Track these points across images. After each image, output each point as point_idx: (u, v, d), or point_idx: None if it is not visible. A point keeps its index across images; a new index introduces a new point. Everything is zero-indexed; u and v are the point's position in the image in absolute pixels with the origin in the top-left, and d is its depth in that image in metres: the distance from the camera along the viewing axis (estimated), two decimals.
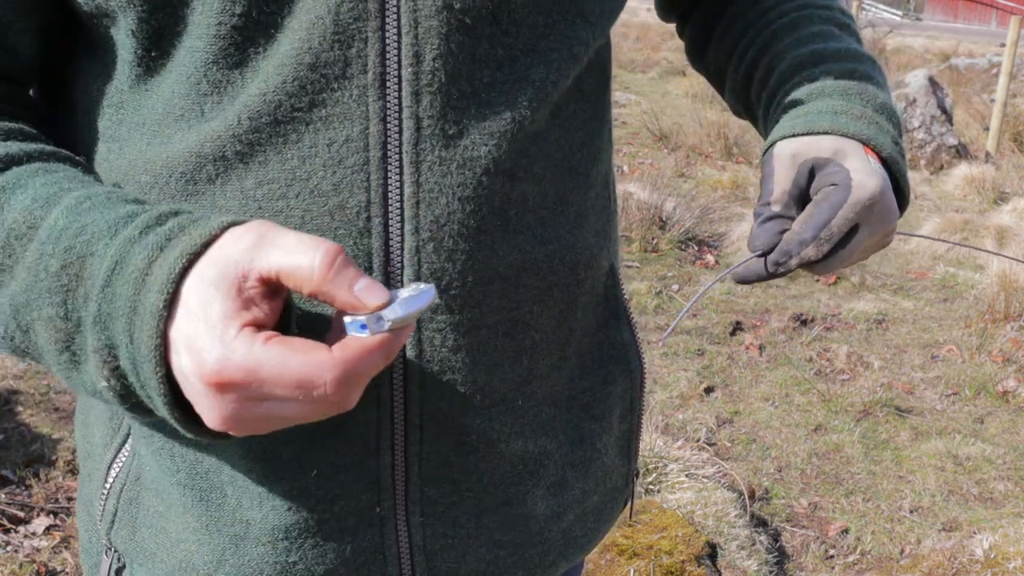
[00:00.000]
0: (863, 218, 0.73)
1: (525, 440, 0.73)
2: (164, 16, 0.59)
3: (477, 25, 0.62)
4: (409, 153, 0.62)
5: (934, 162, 8.32)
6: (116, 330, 0.52)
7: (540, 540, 0.77)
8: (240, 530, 0.68)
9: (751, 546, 2.60)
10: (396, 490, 0.69)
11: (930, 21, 33.61)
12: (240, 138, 0.60)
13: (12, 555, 2.52)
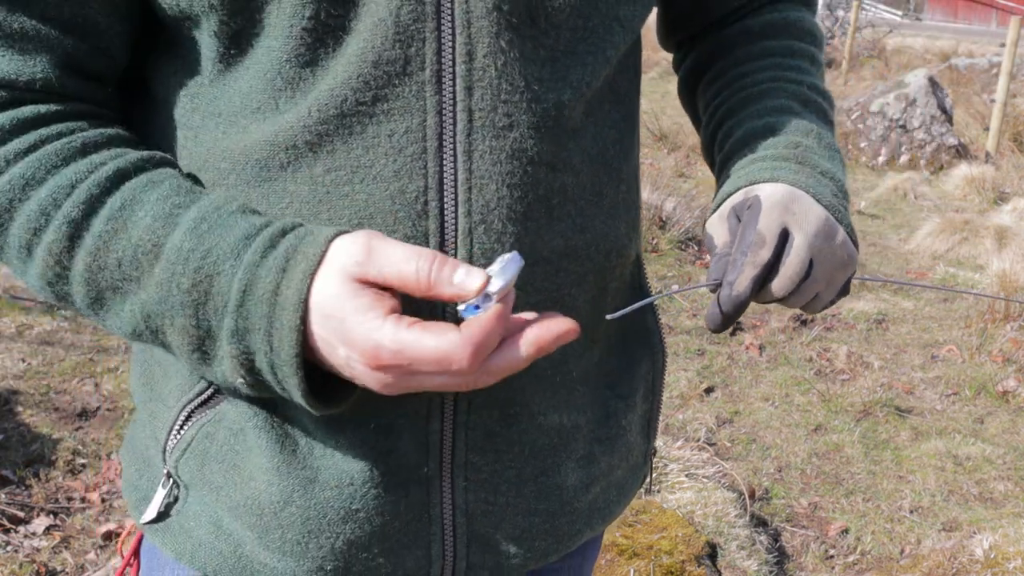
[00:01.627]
0: (789, 221, 0.73)
1: (560, 414, 0.79)
2: (243, 19, 0.65)
3: (524, 24, 0.68)
4: (463, 143, 0.68)
5: (934, 162, 8.33)
6: (253, 341, 0.62)
7: (570, 510, 0.82)
8: (310, 474, 0.74)
9: (751, 546, 2.60)
10: (444, 454, 0.75)
11: (930, 21, 33.60)
12: (310, 129, 0.67)
13: (12, 555, 2.52)
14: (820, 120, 0.84)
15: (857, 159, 8.56)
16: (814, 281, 0.74)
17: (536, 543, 0.82)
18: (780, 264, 0.72)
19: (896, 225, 6.57)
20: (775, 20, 0.90)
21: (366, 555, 0.76)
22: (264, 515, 0.76)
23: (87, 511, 2.80)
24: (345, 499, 0.74)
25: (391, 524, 0.76)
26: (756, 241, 0.71)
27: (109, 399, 3.41)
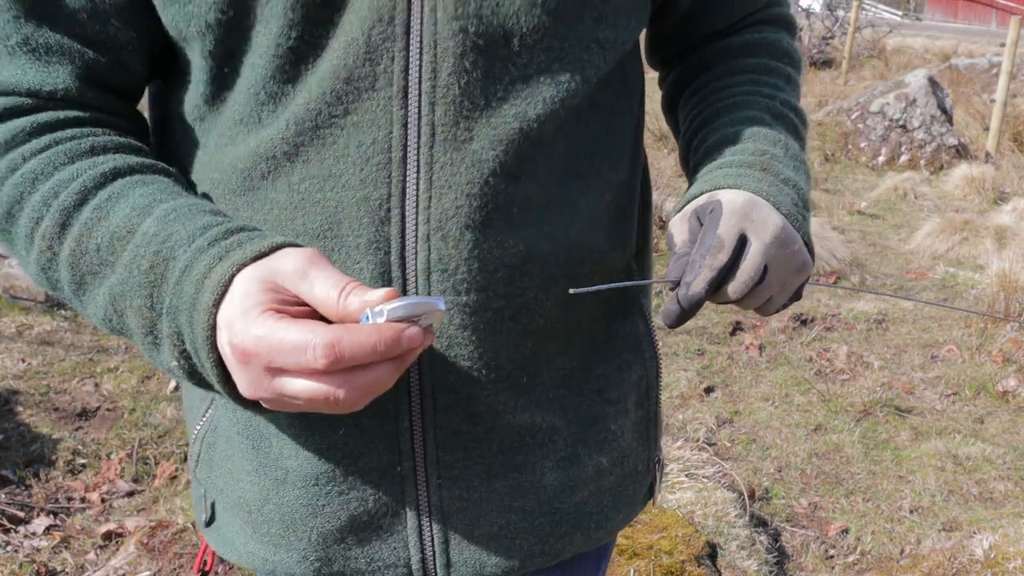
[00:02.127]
0: (747, 227, 0.75)
1: (531, 414, 0.82)
2: (234, 40, 0.71)
3: (491, 47, 0.72)
4: (425, 155, 0.72)
5: (934, 162, 8.32)
6: (181, 320, 0.64)
7: (550, 509, 0.85)
8: (280, 475, 0.81)
9: (751, 546, 2.60)
10: (415, 453, 0.80)
11: (930, 21, 33.60)
12: (288, 140, 0.72)
13: (12, 555, 2.52)
14: (790, 133, 0.87)
15: (857, 159, 8.56)
16: (768, 286, 0.77)
17: (516, 541, 0.84)
18: (736, 268, 0.75)
19: (896, 225, 6.57)
20: (754, 40, 0.94)
21: (341, 547, 0.83)
22: (252, 512, 0.84)
23: (87, 511, 2.80)
24: (311, 497, 0.80)
25: (360, 520, 0.81)
26: (715, 245, 0.74)
27: (109, 399, 3.41)
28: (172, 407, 3.37)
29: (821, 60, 15.37)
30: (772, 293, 0.79)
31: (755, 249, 0.75)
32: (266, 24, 0.70)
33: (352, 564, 0.84)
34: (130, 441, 3.15)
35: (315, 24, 0.70)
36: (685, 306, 0.74)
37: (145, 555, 2.36)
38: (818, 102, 10.47)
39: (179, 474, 3.02)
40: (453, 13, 0.71)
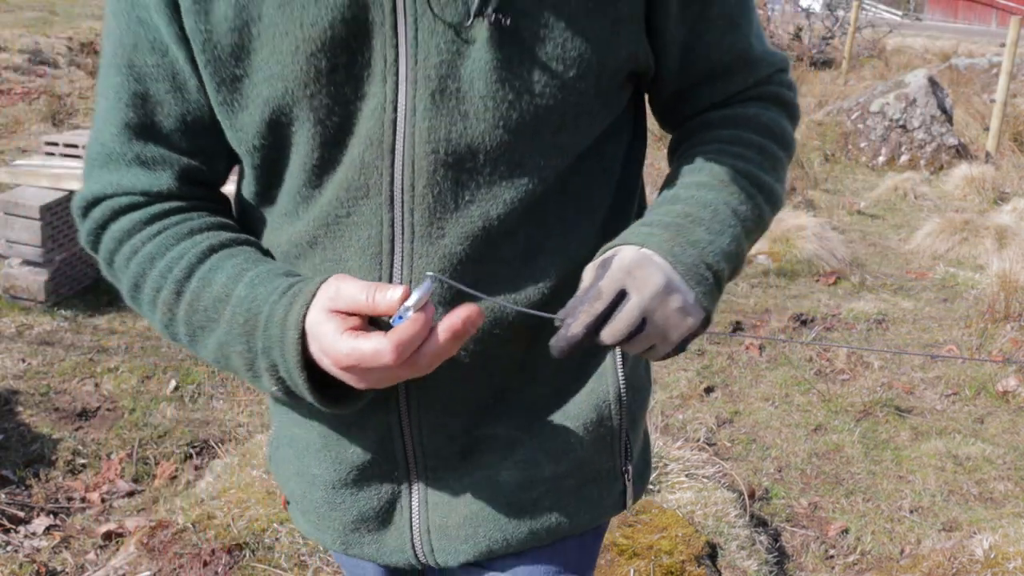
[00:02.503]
0: (628, 283, 0.86)
1: (498, 429, 1.02)
2: (274, 157, 0.94)
3: (459, 163, 0.90)
4: (407, 248, 0.92)
5: (934, 162, 8.32)
6: (274, 355, 0.86)
7: (507, 503, 1.03)
8: (310, 479, 1.07)
9: (751, 546, 2.60)
10: (409, 464, 1.02)
11: (930, 21, 33.58)
12: (310, 232, 0.95)
13: (12, 555, 2.52)
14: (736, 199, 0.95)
15: (857, 159, 8.56)
16: (647, 336, 0.87)
17: (480, 530, 1.04)
18: (612, 317, 0.85)
19: (896, 225, 6.57)
20: (735, 113, 1.04)
21: (356, 535, 1.07)
22: (299, 503, 1.11)
23: (87, 511, 2.80)
24: (331, 497, 1.06)
25: (368, 515, 1.06)
26: (594, 295, 0.86)
27: (109, 399, 3.41)
28: (172, 407, 3.37)
29: (821, 60, 15.36)
30: (653, 343, 0.88)
31: (632, 303, 0.85)
32: (296, 148, 0.92)
33: (367, 549, 1.07)
34: (130, 441, 3.15)
35: (330, 147, 0.91)
36: (564, 345, 0.86)
37: (145, 555, 2.36)
38: (818, 102, 10.47)
39: (179, 474, 3.02)
40: (427, 138, 0.89)
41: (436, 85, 0.88)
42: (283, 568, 2.31)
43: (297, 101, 0.90)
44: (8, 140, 7.21)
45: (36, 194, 4.13)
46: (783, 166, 1.04)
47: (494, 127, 0.89)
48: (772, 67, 1.07)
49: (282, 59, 0.88)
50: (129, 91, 0.95)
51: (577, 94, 0.91)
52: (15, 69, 9.90)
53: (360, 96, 0.90)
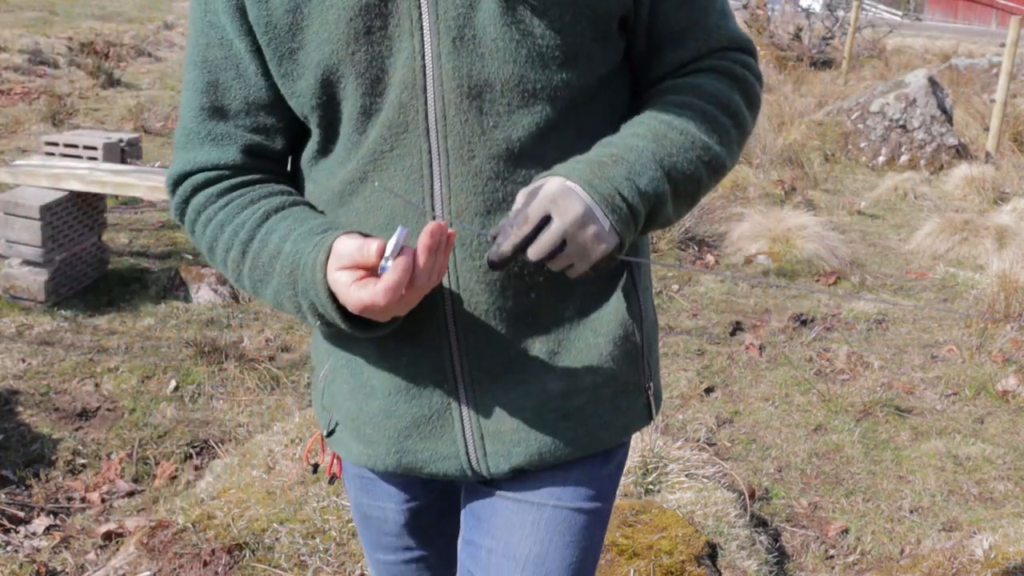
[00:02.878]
0: (552, 210, 1.02)
1: (538, 344, 1.16)
2: (330, 114, 1.13)
3: (480, 94, 1.08)
4: (444, 170, 1.10)
5: (934, 162, 8.32)
6: (312, 296, 1.06)
7: (554, 408, 1.17)
8: (368, 391, 1.20)
9: (751, 546, 2.60)
10: (456, 372, 1.16)
11: (930, 21, 33.56)
12: (360, 170, 1.13)
13: (12, 555, 2.52)
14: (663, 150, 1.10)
15: (857, 159, 8.56)
16: (567, 255, 1.03)
17: (532, 434, 1.17)
18: (536, 239, 1.01)
19: (896, 225, 6.57)
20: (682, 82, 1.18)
21: (410, 441, 1.19)
22: (354, 420, 1.23)
23: (87, 511, 2.80)
24: (388, 405, 1.19)
25: (420, 421, 1.18)
26: (522, 219, 1.02)
27: (109, 399, 3.41)
28: (172, 407, 3.37)
29: (821, 60, 15.35)
30: (572, 261, 1.04)
31: (555, 227, 1.01)
32: (345, 101, 1.11)
33: (420, 456, 1.19)
34: (130, 441, 3.15)
35: (372, 96, 1.10)
36: (495, 259, 1.02)
37: (145, 555, 2.36)
38: (818, 102, 10.46)
39: (179, 474, 3.02)
40: (452, 76, 1.07)
41: (456, 33, 1.07)
42: (283, 568, 2.31)
43: (342, 60, 1.09)
44: (8, 140, 7.20)
45: (36, 194, 4.13)
46: (727, 133, 1.16)
47: (505, 63, 1.08)
48: (731, 43, 1.20)
49: (328, 27, 1.08)
50: (203, 81, 1.16)
51: (574, 35, 1.09)
52: (15, 69, 9.89)
53: (392, 50, 1.08)
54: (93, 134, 5.11)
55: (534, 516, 1.21)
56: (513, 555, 1.21)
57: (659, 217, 1.12)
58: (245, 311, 4.29)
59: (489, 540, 1.23)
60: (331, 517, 2.44)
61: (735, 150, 1.19)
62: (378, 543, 1.40)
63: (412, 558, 1.40)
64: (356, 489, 1.38)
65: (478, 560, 1.24)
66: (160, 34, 13.69)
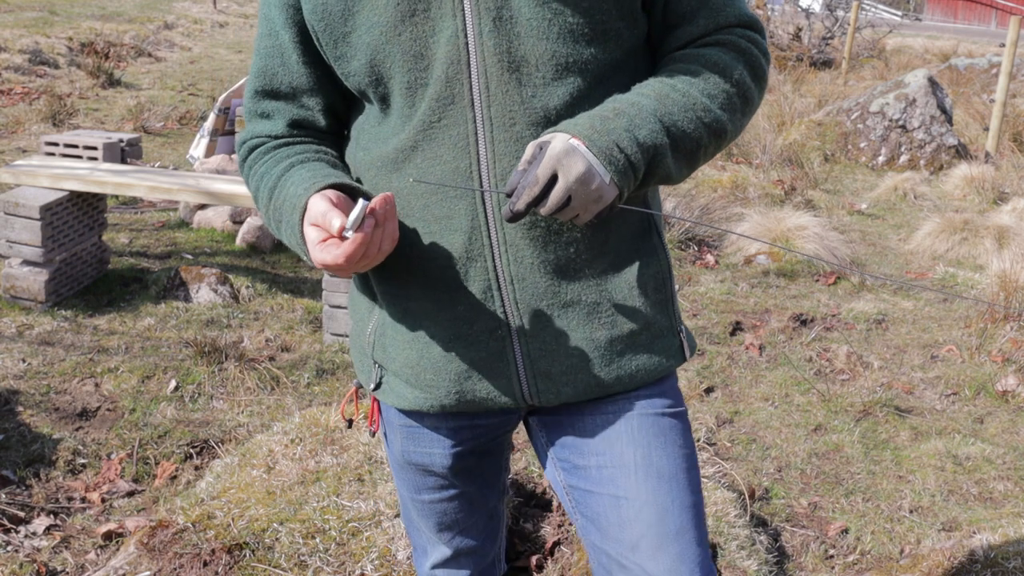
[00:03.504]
0: (558, 169, 1.12)
1: (580, 294, 1.28)
2: (383, 90, 1.25)
3: (519, 68, 1.20)
4: (488, 137, 1.22)
5: (934, 162, 8.32)
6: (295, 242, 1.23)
7: (599, 354, 1.30)
8: (428, 339, 1.32)
9: (751, 546, 2.60)
10: (509, 321, 1.28)
11: (930, 21, 33.55)
12: (412, 139, 1.25)
13: (12, 555, 2.52)
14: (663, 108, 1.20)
15: (857, 159, 8.56)
16: (572, 209, 1.15)
17: (580, 376, 1.30)
18: (547, 197, 1.13)
19: (896, 225, 6.57)
20: (689, 52, 1.28)
21: (470, 382, 1.31)
22: (413, 368, 1.34)
23: (87, 511, 2.80)
24: (446, 350, 1.31)
25: (479, 364, 1.30)
26: (531, 180, 1.13)
27: (109, 399, 3.41)
28: (172, 407, 3.37)
29: (821, 60, 15.35)
30: (577, 212, 1.16)
31: (560, 187, 1.13)
32: (395, 78, 1.23)
33: (479, 394, 1.32)
34: (130, 441, 3.15)
35: (421, 71, 1.21)
36: (510, 216, 1.14)
37: (145, 555, 2.36)
38: (818, 102, 10.46)
39: (179, 474, 3.02)
40: (493, 51, 1.19)
41: (495, 14, 1.18)
42: (283, 568, 2.31)
43: (389, 40, 1.21)
44: (8, 140, 7.20)
45: (36, 194, 4.13)
46: (729, 99, 1.25)
47: (539, 39, 1.19)
48: (738, 20, 1.29)
49: (377, 11, 1.21)
50: (258, 67, 1.34)
51: (601, 14, 1.20)
52: (15, 69, 9.89)
53: (435, 30, 1.20)
54: (93, 134, 5.11)
55: (626, 426, 1.33)
56: (621, 463, 1.32)
57: (659, 169, 1.21)
58: (245, 311, 4.29)
59: (594, 459, 1.34)
60: (331, 517, 2.44)
61: (737, 117, 1.27)
62: (422, 485, 1.51)
63: (454, 495, 1.51)
64: (402, 438, 1.47)
65: (591, 478, 1.34)
66: (160, 34, 13.68)
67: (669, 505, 1.30)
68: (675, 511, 1.31)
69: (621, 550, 1.32)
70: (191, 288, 4.37)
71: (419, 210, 1.26)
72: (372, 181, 1.30)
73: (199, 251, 5.03)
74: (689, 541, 1.31)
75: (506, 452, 1.58)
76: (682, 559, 1.29)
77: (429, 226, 1.26)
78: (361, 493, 2.53)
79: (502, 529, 1.68)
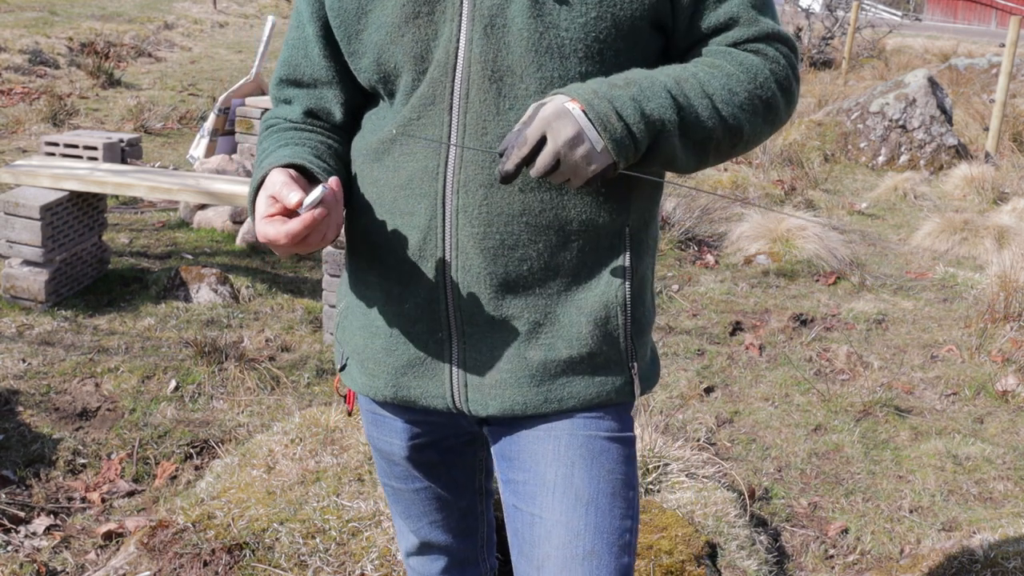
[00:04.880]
0: (548, 132, 1.11)
1: (524, 312, 1.27)
2: (390, 87, 1.28)
3: (501, 78, 1.20)
4: (459, 141, 1.22)
5: (934, 162, 8.32)
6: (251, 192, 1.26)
7: (530, 375, 1.28)
8: (374, 330, 1.35)
9: (751, 546, 2.60)
10: (451, 325, 1.28)
11: (930, 21, 33.54)
12: (392, 132, 1.26)
13: (12, 555, 2.52)
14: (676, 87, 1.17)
15: (857, 159, 8.56)
16: (561, 172, 1.14)
17: (507, 392, 1.29)
18: (536, 157, 1.13)
19: (896, 225, 6.57)
20: (716, 48, 1.24)
21: (406, 378, 1.33)
22: (360, 353, 1.38)
23: (87, 511, 2.80)
24: (389, 343, 1.33)
25: (416, 361, 1.32)
26: (521, 141, 1.12)
27: (109, 399, 3.41)
28: (172, 407, 3.37)
29: (821, 60, 15.35)
30: (567, 176, 1.15)
31: (548, 149, 1.12)
32: (400, 77, 1.26)
33: (413, 392, 1.33)
34: (130, 441, 3.15)
35: (418, 74, 1.24)
36: (501, 175, 1.13)
37: (145, 555, 2.36)
38: (818, 102, 10.46)
39: (179, 474, 3.02)
40: (479, 59, 1.20)
41: (488, 22, 1.19)
42: (283, 568, 2.31)
43: (393, 41, 1.24)
44: (8, 140, 7.20)
45: (36, 194, 4.13)
46: (751, 101, 1.20)
47: (527, 51, 1.18)
48: (767, 33, 1.24)
49: (386, 11, 1.24)
50: (285, 55, 1.39)
51: (598, 31, 1.18)
52: (15, 69, 9.89)
53: (436, 34, 1.22)
54: (93, 134, 5.11)
55: (554, 445, 1.30)
56: (542, 481, 1.30)
57: (664, 148, 1.16)
58: (245, 311, 4.29)
59: (522, 474, 1.32)
60: (331, 517, 2.44)
61: (758, 122, 1.22)
62: (390, 472, 1.53)
63: (420, 487, 1.53)
64: (368, 423, 1.51)
65: (517, 493, 1.34)
66: (160, 34, 13.68)
67: (581, 529, 1.26)
68: (588, 535, 1.26)
69: (528, 570, 1.30)
70: (191, 288, 4.37)
71: (389, 202, 1.28)
72: (359, 167, 1.34)
73: (199, 251, 5.03)
74: (598, 566, 1.26)
75: (478, 453, 1.56)
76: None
77: (394, 219, 1.27)
78: (361, 493, 2.53)
79: (482, 528, 1.66)
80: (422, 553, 1.64)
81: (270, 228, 1.15)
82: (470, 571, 1.69)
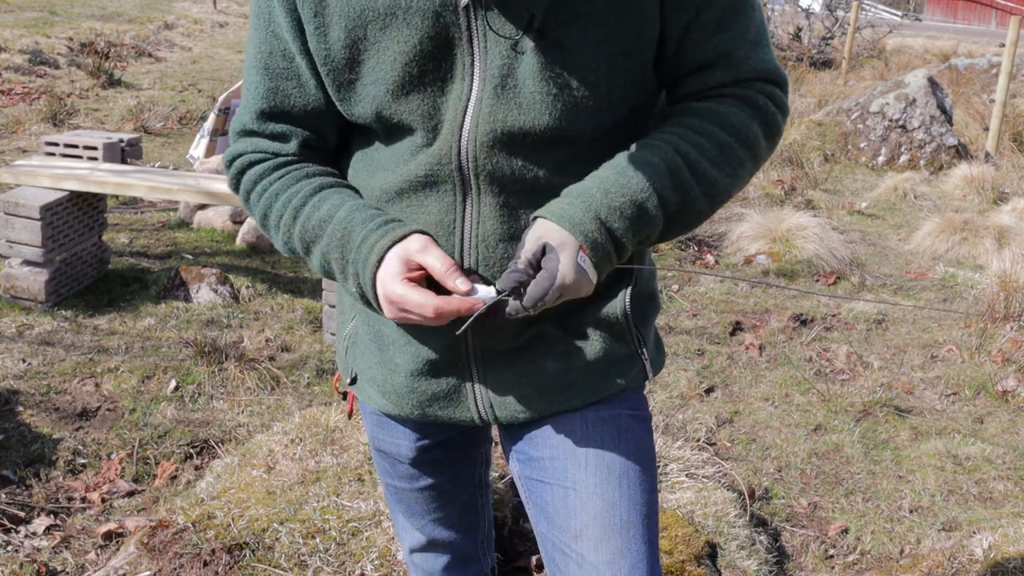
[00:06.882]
0: (565, 289, 1.13)
1: (542, 331, 1.29)
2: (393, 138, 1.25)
3: (511, 140, 1.18)
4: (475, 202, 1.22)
5: (934, 162, 8.32)
6: (359, 270, 1.19)
7: (550, 384, 1.32)
8: (392, 367, 1.35)
9: (751, 546, 2.60)
10: (472, 359, 1.31)
11: (930, 21, 33.54)
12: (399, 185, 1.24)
13: (12, 555, 2.52)
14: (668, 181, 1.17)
15: (857, 159, 8.56)
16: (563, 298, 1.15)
17: (533, 404, 1.33)
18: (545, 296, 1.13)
19: (896, 225, 6.57)
20: (703, 106, 1.23)
21: (432, 408, 1.35)
22: (380, 384, 1.38)
23: (87, 511, 2.80)
24: (411, 382, 1.34)
25: (440, 395, 1.34)
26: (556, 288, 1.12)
27: (109, 399, 3.41)
28: (172, 407, 3.37)
29: (821, 60, 15.35)
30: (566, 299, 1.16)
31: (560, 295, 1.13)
32: (404, 133, 1.23)
33: (441, 416, 1.35)
34: (130, 441, 3.15)
35: (426, 132, 1.20)
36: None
37: (145, 555, 2.36)
38: (818, 102, 10.46)
39: (179, 474, 3.02)
40: (488, 120, 1.17)
41: (498, 82, 1.16)
42: (283, 568, 2.31)
43: (396, 98, 1.20)
44: (8, 140, 7.20)
45: (36, 194, 4.13)
46: (739, 163, 1.22)
47: (541, 114, 1.17)
48: (758, 74, 1.23)
49: (384, 67, 1.18)
50: (265, 87, 1.27)
51: (609, 83, 1.17)
52: (15, 69, 9.89)
53: (445, 92, 1.19)
54: (93, 134, 5.11)
55: (581, 422, 1.34)
56: (573, 456, 1.33)
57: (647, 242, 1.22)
58: (245, 311, 4.29)
59: (548, 451, 1.35)
60: (331, 517, 2.44)
61: (745, 179, 1.25)
62: (393, 472, 1.55)
63: (424, 486, 1.55)
64: (372, 425, 1.52)
65: (544, 469, 1.36)
66: (160, 34, 13.69)
67: (617, 499, 1.32)
68: (623, 505, 1.32)
69: (564, 539, 1.33)
70: (191, 288, 4.37)
71: None
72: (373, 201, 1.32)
73: (199, 251, 5.03)
74: (634, 536, 1.32)
75: (481, 446, 1.61)
76: (624, 553, 1.31)
77: None
78: (361, 493, 2.53)
79: (483, 522, 1.71)
80: (426, 550, 1.67)
81: (415, 295, 1.12)
82: (472, 567, 1.73)
